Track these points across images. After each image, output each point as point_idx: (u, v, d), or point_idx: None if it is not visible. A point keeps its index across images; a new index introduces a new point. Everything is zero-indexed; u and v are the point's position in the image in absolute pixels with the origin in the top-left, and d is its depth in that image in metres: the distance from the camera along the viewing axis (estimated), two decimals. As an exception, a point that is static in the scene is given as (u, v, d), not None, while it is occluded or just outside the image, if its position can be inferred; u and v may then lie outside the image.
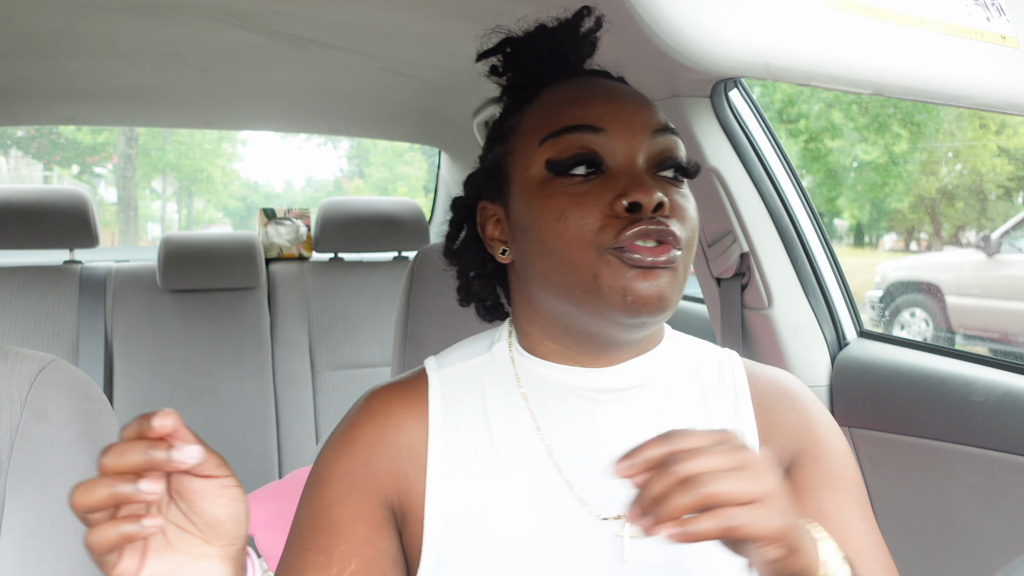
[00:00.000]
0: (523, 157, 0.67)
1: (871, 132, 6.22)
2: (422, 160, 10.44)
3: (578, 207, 0.62)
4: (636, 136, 0.64)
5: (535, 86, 0.70)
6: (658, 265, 0.60)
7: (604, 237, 0.61)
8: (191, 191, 11.64)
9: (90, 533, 0.47)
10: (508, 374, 0.70)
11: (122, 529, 0.47)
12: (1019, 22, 0.43)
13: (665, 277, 0.61)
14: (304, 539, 0.67)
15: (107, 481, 0.47)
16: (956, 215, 6.55)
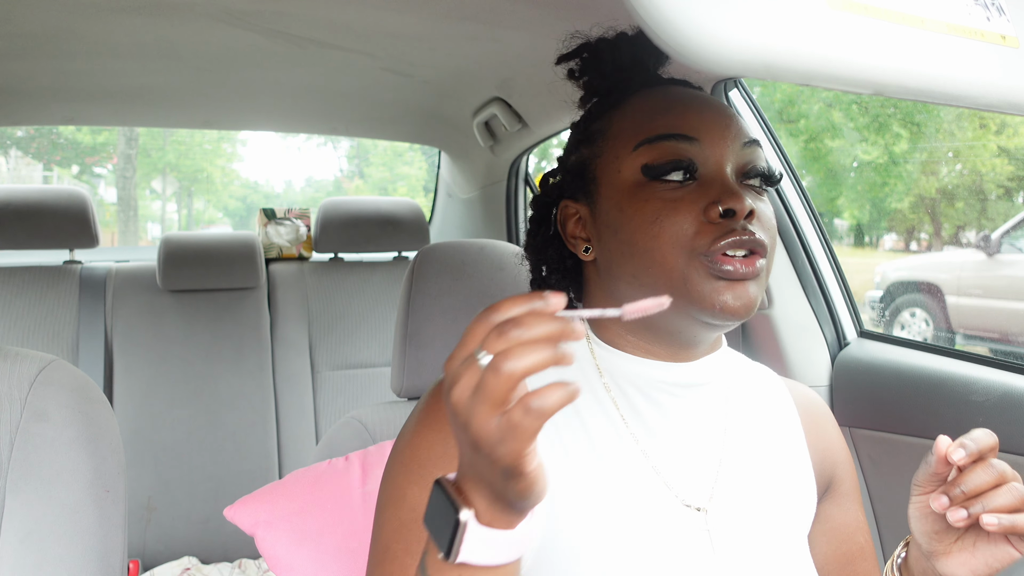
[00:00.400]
0: (614, 160, 0.69)
1: (871, 132, 6.21)
2: (422, 160, 10.43)
3: (673, 212, 0.65)
4: (727, 147, 0.68)
5: (620, 92, 0.73)
6: (747, 277, 0.64)
7: (698, 243, 0.64)
8: (191, 191, 11.64)
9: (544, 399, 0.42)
10: (589, 365, 0.72)
11: (571, 389, 0.42)
12: (1019, 22, 0.43)
13: (752, 286, 0.65)
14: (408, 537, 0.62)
15: (547, 346, 0.43)
16: (956, 215, 6.55)
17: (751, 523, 0.70)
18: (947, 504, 0.62)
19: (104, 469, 0.77)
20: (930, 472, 0.65)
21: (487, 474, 0.46)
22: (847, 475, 0.82)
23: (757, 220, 0.66)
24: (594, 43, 0.76)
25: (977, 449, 0.61)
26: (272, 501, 1.11)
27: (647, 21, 0.34)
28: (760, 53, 0.35)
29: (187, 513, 1.99)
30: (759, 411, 0.77)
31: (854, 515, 0.82)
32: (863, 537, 0.81)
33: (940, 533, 0.66)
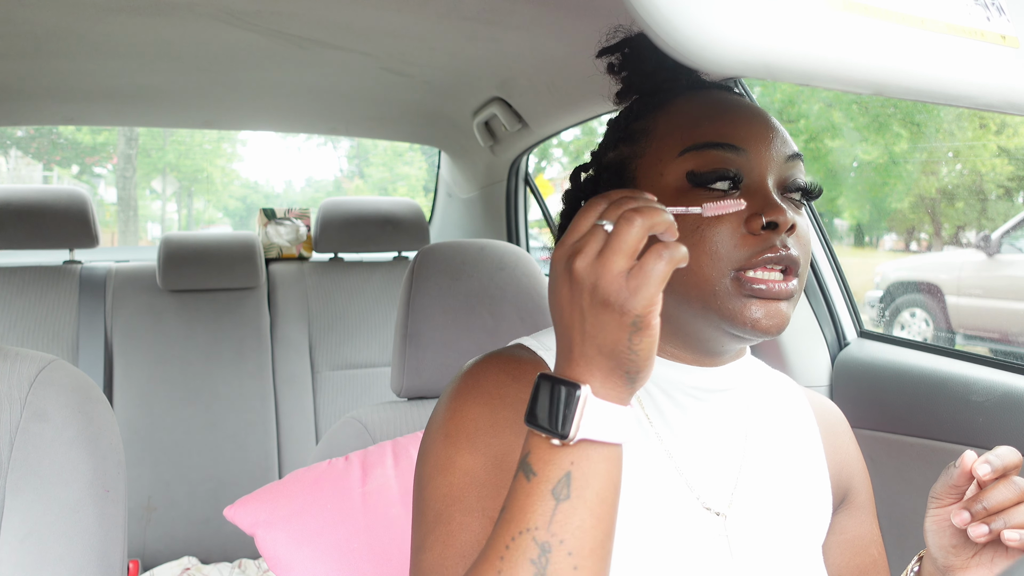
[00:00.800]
0: (657, 163, 0.68)
1: (871, 132, 6.21)
2: (422, 160, 10.43)
3: (716, 222, 0.64)
4: (773, 160, 0.67)
5: (664, 93, 0.72)
6: (780, 296, 0.63)
7: (737, 255, 0.63)
8: (191, 191, 11.63)
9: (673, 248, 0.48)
10: None
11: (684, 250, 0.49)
12: (1019, 22, 0.43)
13: (784, 305, 0.64)
14: (486, 487, 0.61)
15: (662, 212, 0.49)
16: (956, 215, 6.54)
17: (768, 530, 0.70)
18: (968, 519, 0.62)
19: (104, 469, 0.77)
20: (950, 484, 0.65)
21: (611, 335, 0.48)
22: (863, 487, 0.82)
23: (796, 236, 0.66)
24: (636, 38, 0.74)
25: (1002, 465, 0.62)
26: (272, 501, 1.11)
27: (647, 21, 0.34)
28: (760, 53, 0.35)
29: (187, 513, 1.99)
30: (779, 419, 0.77)
31: (869, 527, 0.82)
32: (877, 550, 0.82)
33: (958, 547, 0.66)
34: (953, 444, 1.13)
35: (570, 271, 0.50)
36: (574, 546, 0.47)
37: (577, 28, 1.23)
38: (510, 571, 0.47)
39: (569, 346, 0.51)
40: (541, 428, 0.49)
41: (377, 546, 1.08)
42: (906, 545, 1.19)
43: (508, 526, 0.49)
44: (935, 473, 0.77)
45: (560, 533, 0.48)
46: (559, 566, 0.47)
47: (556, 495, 0.48)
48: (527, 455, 0.50)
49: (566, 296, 0.50)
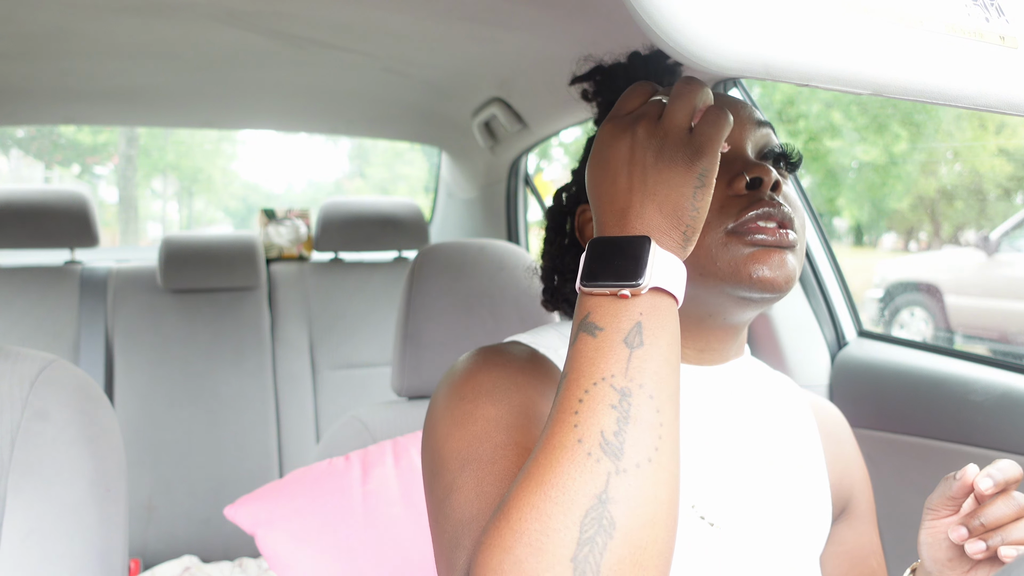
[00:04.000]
0: None
1: (871, 132, 6.21)
2: (422, 160, 10.43)
3: None
4: (744, 126, 0.67)
5: None
6: (782, 245, 0.62)
7: (725, 216, 0.62)
8: (191, 191, 11.63)
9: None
10: None
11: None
12: (1018, 23, 0.43)
13: (790, 256, 0.63)
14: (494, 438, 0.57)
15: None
16: (955, 215, 6.55)
17: (764, 540, 0.69)
18: (966, 535, 0.61)
19: (105, 468, 0.77)
20: (947, 497, 0.63)
21: (676, 192, 0.50)
22: (864, 497, 0.81)
23: (784, 198, 0.65)
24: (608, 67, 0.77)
25: (1004, 479, 0.60)
26: (272, 500, 1.11)
27: (647, 21, 0.35)
28: (759, 53, 0.35)
29: (188, 512, 1.99)
30: (779, 425, 0.76)
31: (868, 538, 0.80)
32: (876, 561, 0.80)
33: (952, 561, 0.64)
34: (952, 444, 1.13)
35: (633, 133, 0.51)
36: (654, 390, 0.46)
37: (577, 28, 1.24)
38: (589, 421, 0.45)
39: (622, 209, 0.51)
40: (604, 284, 0.48)
41: (377, 545, 1.08)
42: (905, 545, 1.19)
43: (578, 382, 0.47)
44: (934, 473, 0.77)
45: (638, 378, 0.46)
46: (642, 409, 0.45)
47: (629, 344, 0.47)
48: (586, 317, 0.49)
49: (625, 158, 0.51)
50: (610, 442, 0.44)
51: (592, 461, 0.44)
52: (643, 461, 0.44)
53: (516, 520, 0.44)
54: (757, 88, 4.13)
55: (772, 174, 0.63)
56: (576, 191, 0.78)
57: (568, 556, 0.42)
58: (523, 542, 0.43)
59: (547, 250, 0.80)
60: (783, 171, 0.69)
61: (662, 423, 0.46)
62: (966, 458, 1.08)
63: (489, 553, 0.44)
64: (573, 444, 0.45)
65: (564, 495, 0.43)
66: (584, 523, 0.43)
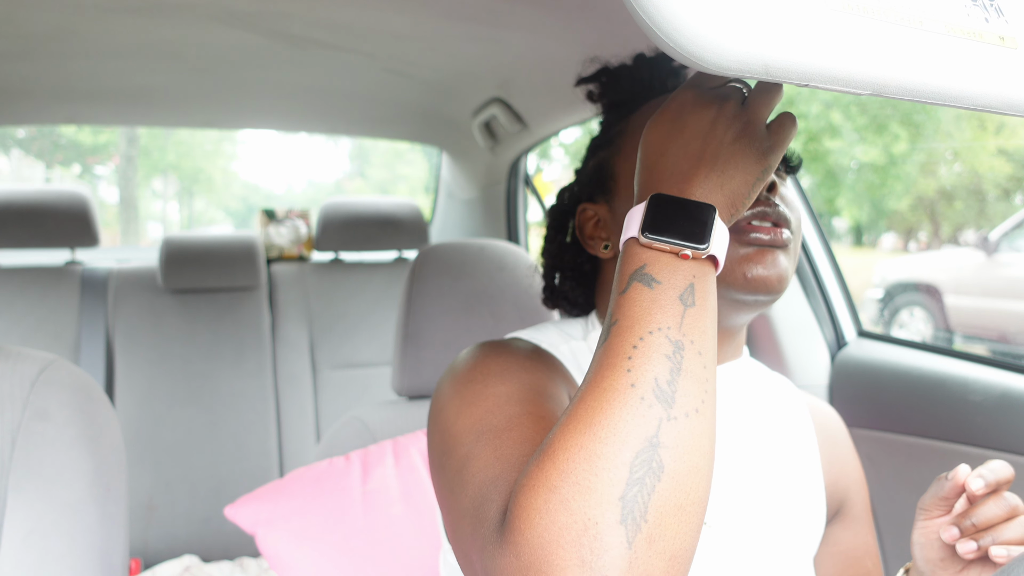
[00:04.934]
0: (632, 154, 0.70)
1: (870, 132, 6.22)
2: (422, 160, 10.43)
3: None
4: None
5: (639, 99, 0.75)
6: (776, 244, 0.63)
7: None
8: (192, 191, 11.63)
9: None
10: None
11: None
12: (1018, 23, 0.44)
13: (782, 256, 0.64)
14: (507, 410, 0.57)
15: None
16: (955, 215, 6.55)
17: (757, 539, 0.69)
18: (958, 535, 0.61)
19: (105, 468, 0.77)
20: (939, 497, 0.64)
21: (741, 175, 0.52)
22: (859, 498, 0.81)
23: (781, 198, 0.65)
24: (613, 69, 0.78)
25: (995, 480, 0.61)
26: (273, 500, 1.11)
27: (647, 21, 0.35)
28: (759, 53, 0.35)
29: (188, 512, 1.99)
30: (775, 426, 0.76)
31: (863, 539, 0.80)
32: (871, 562, 0.80)
33: (945, 561, 0.64)
34: (952, 444, 1.13)
35: (720, 108, 0.52)
36: (703, 347, 0.48)
37: (577, 29, 1.24)
38: (643, 367, 0.46)
39: (686, 174, 0.52)
40: (668, 240, 0.49)
41: (377, 545, 1.08)
42: (904, 545, 1.19)
43: (632, 330, 0.47)
44: (933, 473, 0.77)
45: (691, 334, 0.47)
46: (692, 363, 0.46)
47: (684, 301, 0.48)
48: (641, 268, 0.50)
49: (705, 129, 0.52)
50: (663, 389, 0.45)
51: (645, 406, 0.44)
52: (691, 411, 0.45)
53: (563, 460, 0.44)
54: (757, 88, 4.11)
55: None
56: (578, 190, 0.79)
57: (617, 495, 0.42)
58: (570, 481, 0.43)
59: (547, 248, 0.81)
60: (781, 173, 0.70)
61: (707, 379, 0.47)
62: (965, 458, 1.08)
63: (533, 493, 0.44)
64: (626, 388, 0.45)
65: (616, 436, 0.44)
66: (634, 464, 0.43)
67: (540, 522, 0.43)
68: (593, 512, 0.42)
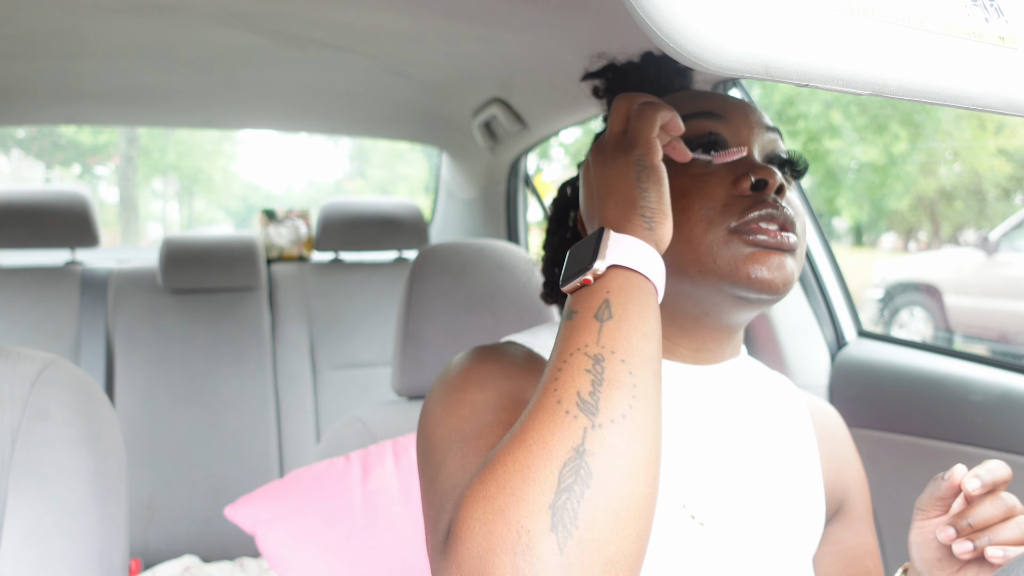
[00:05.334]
0: None
1: (870, 132, 6.22)
2: (422, 160, 10.43)
3: (703, 185, 0.64)
4: (753, 128, 0.68)
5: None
6: (783, 247, 0.63)
7: (728, 215, 0.63)
8: (192, 191, 11.63)
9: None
10: None
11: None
12: (1018, 23, 0.44)
13: (789, 259, 0.64)
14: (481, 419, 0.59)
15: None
16: (955, 215, 6.55)
17: (755, 539, 0.69)
18: (954, 535, 0.60)
19: (105, 468, 0.77)
20: (936, 497, 0.63)
21: (623, 180, 0.57)
22: (859, 497, 0.81)
23: (788, 201, 0.66)
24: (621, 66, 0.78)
25: (992, 480, 0.60)
26: (273, 500, 1.11)
27: (646, 21, 0.35)
28: (759, 53, 0.35)
29: (188, 512, 1.99)
30: (774, 425, 0.75)
31: (863, 539, 0.80)
32: (872, 561, 0.79)
33: (942, 561, 0.64)
34: (952, 444, 1.13)
35: (589, 159, 0.60)
36: (625, 355, 0.50)
37: (577, 29, 1.24)
38: (566, 385, 0.49)
39: (590, 218, 0.58)
40: (573, 276, 0.54)
41: (377, 545, 1.08)
42: (904, 545, 1.19)
43: (558, 357, 0.51)
44: (933, 473, 0.77)
45: (610, 345, 0.50)
46: (614, 371, 0.49)
47: (599, 318, 0.51)
48: (567, 307, 0.54)
49: (587, 179, 0.60)
50: (586, 401, 0.48)
51: (570, 418, 0.47)
52: (617, 417, 0.47)
53: (500, 473, 0.46)
54: (757, 88, 4.14)
55: (777, 176, 0.64)
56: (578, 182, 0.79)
57: (547, 504, 0.44)
58: (505, 492, 0.45)
59: (549, 241, 0.81)
60: (788, 177, 0.70)
61: (635, 384, 0.49)
62: (965, 458, 1.08)
63: (473, 503, 0.46)
64: (553, 405, 0.48)
65: (544, 448, 0.46)
66: (563, 473, 0.45)
67: (478, 531, 0.45)
68: (526, 521, 0.44)
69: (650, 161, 0.56)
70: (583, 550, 0.44)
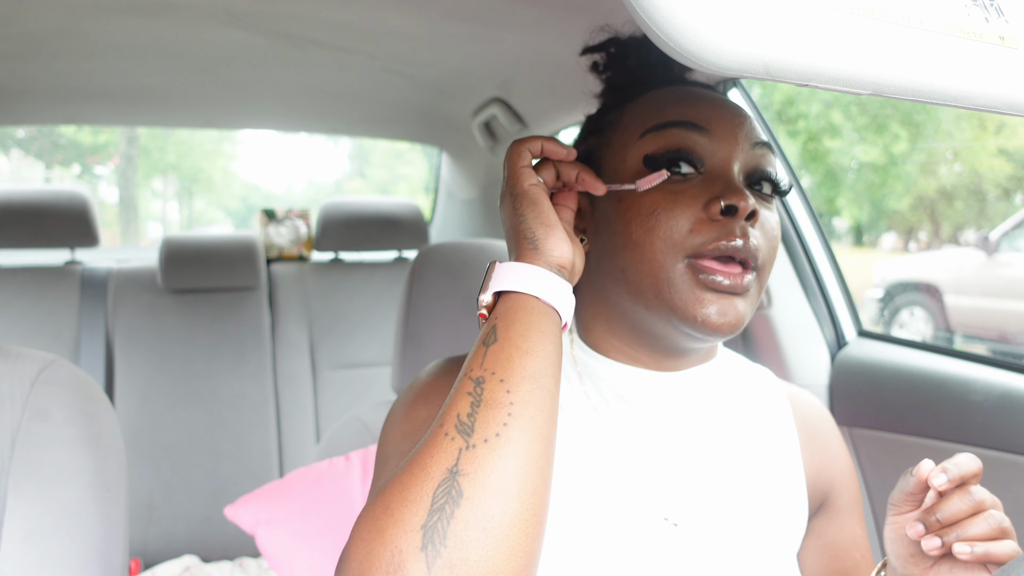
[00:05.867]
0: (620, 150, 0.68)
1: (870, 132, 6.22)
2: (422, 160, 10.43)
3: (672, 205, 0.63)
4: (737, 144, 0.65)
5: (640, 85, 0.71)
6: (735, 291, 0.62)
7: (692, 241, 0.62)
8: (192, 191, 11.63)
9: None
10: (570, 369, 0.71)
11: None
12: (1018, 23, 0.44)
13: (740, 303, 0.62)
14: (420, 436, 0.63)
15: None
16: (955, 215, 6.55)
17: (732, 539, 0.68)
18: (923, 531, 0.60)
19: (105, 468, 0.77)
20: (907, 493, 0.63)
21: (508, 213, 0.62)
22: (846, 489, 0.79)
23: (759, 226, 0.63)
24: (623, 39, 0.74)
25: (959, 475, 0.59)
26: (273, 500, 1.11)
27: (646, 21, 0.35)
28: (759, 53, 0.35)
29: (188, 512, 1.99)
30: (751, 421, 0.74)
31: (850, 531, 0.78)
32: (859, 553, 0.78)
33: (915, 557, 0.63)
34: (952, 443, 1.13)
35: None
36: (505, 374, 0.52)
37: (577, 28, 1.24)
38: (450, 409, 0.52)
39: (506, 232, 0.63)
40: (479, 318, 0.59)
41: (377, 545, 1.08)
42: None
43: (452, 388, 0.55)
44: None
45: (491, 367, 0.53)
46: (493, 391, 0.51)
47: (486, 344, 0.55)
48: (487, 338, 0.57)
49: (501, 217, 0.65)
50: (464, 423, 0.50)
51: (448, 440, 0.50)
52: (491, 436, 0.49)
53: (387, 494, 0.49)
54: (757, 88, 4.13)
55: (749, 202, 0.61)
56: None
57: (420, 524, 0.47)
58: (387, 512, 0.48)
59: None
60: (767, 197, 0.67)
61: (512, 402, 0.51)
62: (966, 458, 1.08)
63: (361, 523, 0.49)
64: (436, 428, 0.51)
65: (422, 470, 0.49)
66: (436, 494, 0.47)
67: (362, 551, 0.47)
68: (400, 541, 0.46)
69: (519, 188, 0.60)
70: (451, 569, 0.45)
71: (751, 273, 0.62)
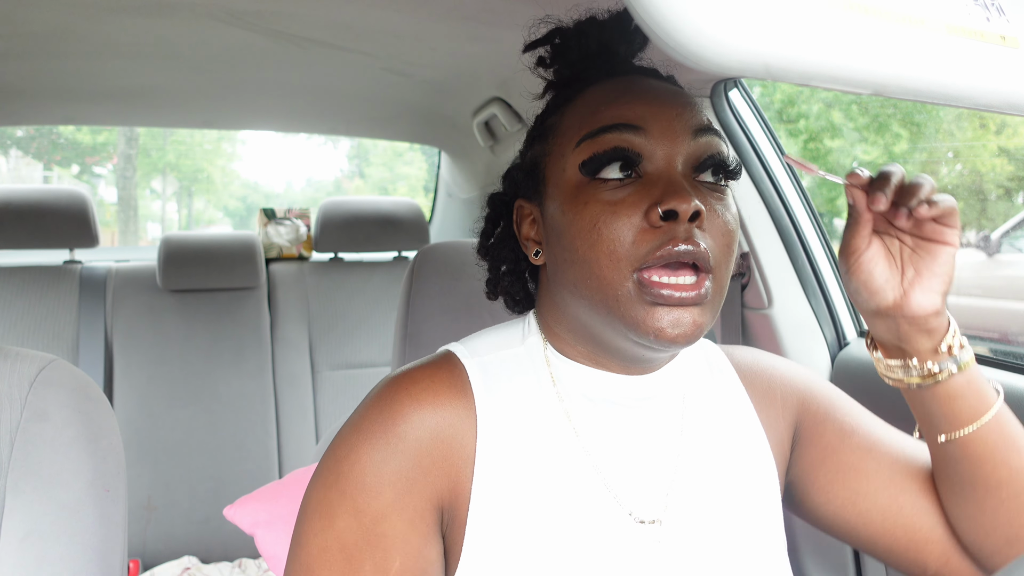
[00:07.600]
0: (560, 159, 0.65)
1: (871, 132, 6.22)
2: (422, 160, 10.43)
3: (613, 217, 0.59)
4: (676, 138, 0.61)
5: (579, 83, 0.68)
6: (686, 303, 0.58)
7: (636, 252, 0.58)
8: (191, 191, 11.64)
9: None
10: (543, 373, 0.69)
11: None
12: (1019, 22, 0.43)
13: (695, 312, 0.59)
14: (353, 559, 0.59)
15: None
16: (956, 215, 6.53)
17: (709, 534, 0.67)
18: (886, 201, 0.60)
19: (104, 469, 0.77)
20: (855, 221, 0.63)
21: None
22: (815, 401, 0.76)
23: (709, 224, 0.60)
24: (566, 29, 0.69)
25: (893, 184, 0.60)
26: (272, 501, 1.11)
27: (646, 21, 0.34)
28: (759, 53, 0.35)
29: (187, 513, 1.99)
30: (714, 409, 0.73)
31: (836, 428, 0.75)
32: (858, 438, 0.75)
33: (889, 282, 0.63)
34: (953, 444, 1.13)
35: None
36: None
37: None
38: None
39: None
40: None
41: (377, 546, 1.08)
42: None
43: None
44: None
45: None
46: None
47: None
48: None
49: None
50: None
51: None
52: None
53: None
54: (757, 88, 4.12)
55: (691, 203, 0.57)
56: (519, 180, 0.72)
57: None
58: None
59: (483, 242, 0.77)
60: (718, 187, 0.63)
61: None
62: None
63: None
64: None
65: None
66: None
67: None
68: None
69: None
70: None
71: (706, 278, 0.59)
